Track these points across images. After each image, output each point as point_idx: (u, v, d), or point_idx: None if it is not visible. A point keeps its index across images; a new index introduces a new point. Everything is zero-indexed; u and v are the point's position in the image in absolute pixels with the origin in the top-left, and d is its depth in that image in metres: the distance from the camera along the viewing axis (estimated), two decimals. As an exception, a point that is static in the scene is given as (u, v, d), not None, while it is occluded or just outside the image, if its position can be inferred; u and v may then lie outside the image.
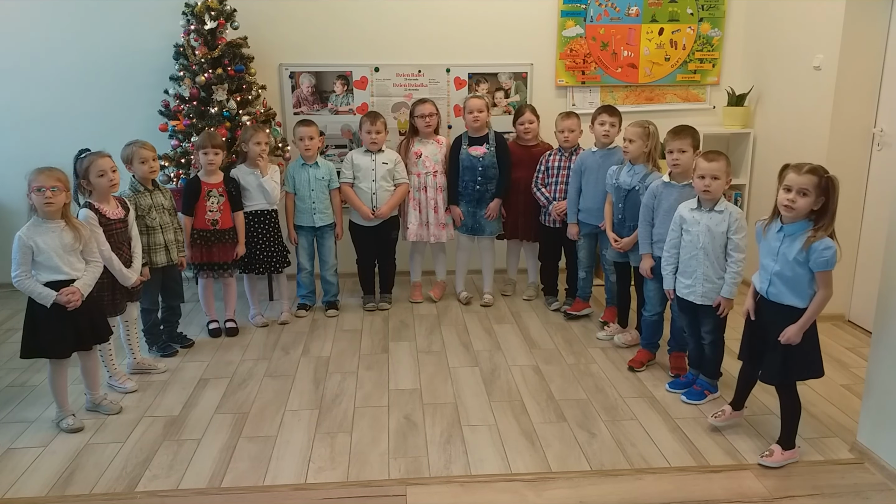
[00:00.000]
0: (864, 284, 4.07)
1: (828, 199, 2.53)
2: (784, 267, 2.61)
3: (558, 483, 2.67)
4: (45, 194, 2.81)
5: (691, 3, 4.87)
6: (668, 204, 3.37)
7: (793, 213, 2.57)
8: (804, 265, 2.57)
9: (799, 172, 2.53)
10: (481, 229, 4.42)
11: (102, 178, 3.20)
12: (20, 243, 2.83)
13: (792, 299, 2.63)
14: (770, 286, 2.67)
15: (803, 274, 2.59)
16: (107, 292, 3.26)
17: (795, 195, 2.54)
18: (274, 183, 4.08)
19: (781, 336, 2.63)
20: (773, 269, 2.65)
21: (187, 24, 4.20)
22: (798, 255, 2.56)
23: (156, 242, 3.60)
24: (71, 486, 2.66)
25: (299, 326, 4.23)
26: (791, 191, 2.55)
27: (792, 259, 2.58)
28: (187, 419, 3.15)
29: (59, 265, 2.88)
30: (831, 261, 2.53)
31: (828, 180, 2.52)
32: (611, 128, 3.94)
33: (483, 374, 3.57)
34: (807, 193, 2.52)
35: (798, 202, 2.53)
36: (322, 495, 2.61)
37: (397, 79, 4.83)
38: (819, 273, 2.56)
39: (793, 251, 2.58)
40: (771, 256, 2.66)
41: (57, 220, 2.89)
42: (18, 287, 2.88)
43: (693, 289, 3.13)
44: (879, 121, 3.96)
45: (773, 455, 2.76)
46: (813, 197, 2.52)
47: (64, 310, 2.89)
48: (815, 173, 2.52)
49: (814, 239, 2.53)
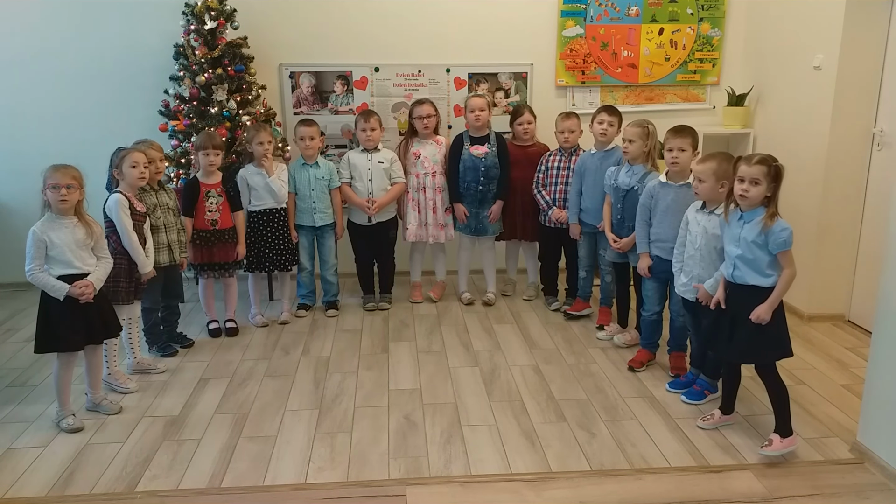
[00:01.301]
0: (864, 284, 4.07)
1: (777, 185, 2.71)
2: (745, 250, 2.75)
3: (558, 483, 2.67)
4: (61, 192, 2.87)
5: (691, 3, 4.87)
6: (664, 203, 3.38)
7: (747, 202, 2.73)
8: (763, 247, 2.72)
9: (749, 164, 2.71)
10: (484, 230, 4.42)
11: (135, 168, 3.33)
12: (34, 238, 2.89)
13: (755, 279, 2.75)
14: (734, 270, 2.80)
15: (763, 256, 2.73)
16: (123, 279, 3.33)
17: (748, 185, 2.70)
18: (281, 182, 4.09)
19: (752, 314, 2.73)
20: (736, 253, 2.79)
21: (187, 24, 4.20)
22: (757, 238, 2.72)
23: (159, 242, 3.61)
24: (71, 486, 2.67)
25: (299, 326, 4.23)
26: (744, 181, 2.71)
27: (751, 241, 2.73)
28: (187, 419, 3.15)
29: (71, 260, 2.93)
30: (789, 240, 2.69)
31: (776, 168, 2.69)
32: (609, 127, 3.94)
33: (483, 374, 3.57)
34: (758, 182, 2.69)
35: (751, 191, 2.70)
36: (322, 495, 2.61)
37: (397, 79, 4.83)
38: (780, 253, 2.72)
39: (752, 234, 2.73)
40: (733, 242, 2.80)
41: (70, 217, 2.94)
42: (32, 280, 2.92)
43: (688, 287, 3.15)
44: (879, 121, 3.96)
45: (772, 444, 2.78)
46: (764, 185, 2.69)
47: (76, 303, 2.93)
48: (765, 163, 2.69)
49: (770, 223, 2.69)
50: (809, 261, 4.16)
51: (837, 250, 4.14)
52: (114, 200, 3.33)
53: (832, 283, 4.19)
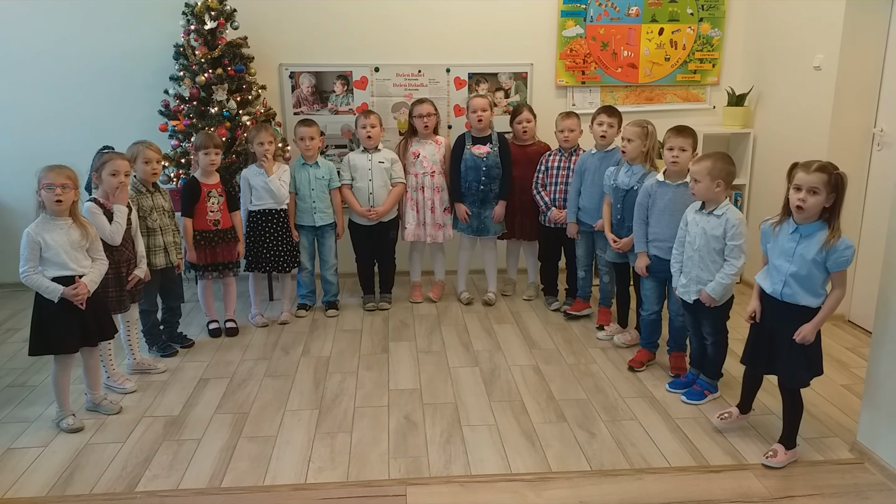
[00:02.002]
0: (864, 284, 4.06)
1: (838, 196, 2.50)
2: (801, 267, 2.57)
3: (558, 483, 2.67)
4: (56, 191, 2.84)
5: (691, 3, 4.87)
6: (662, 203, 3.38)
7: (804, 213, 2.54)
8: (821, 265, 2.54)
9: (808, 171, 2.49)
10: (486, 230, 4.42)
11: (114, 177, 3.23)
12: (28, 239, 2.86)
13: (807, 299, 2.60)
14: (785, 287, 2.63)
15: (818, 274, 2.56)
16: (112, 289, 3.27)
17: (806, 194, 2.50)
18: (280, 182, 4.09)
19: (796, 335, 2.60)
20: (789, 269, 2.60)
21: (187, 24, 4.20)
22: (817, 256, 2.53)
23: (155, 244, 3.60)
24: (71, 486, 2.67)
25: (299, 326, 4.23)
26: (801, 190, 2.51)
27: (810, 259, 2.54)
28: (187, 419, 3.15)
29: (66, 261, 2.90)
30: (850, 259, 2.52)
31: (838, 177, 2.48)
32: (609, 128, 3.94)
33: (483, 374, 3.57)
34: (817, 192, 2.48)
35: (809, 201, 2.50)
36: (322, 495, 2.61)
37: (397, 79, 4.83)
38: (836, 273, 2.55)
39: (811, 251, 2.54)
40: (785, 257, 2.61)
41: (65, 218, 2.92)
42: (26, 282, 2.89)
43: (687, 288, 3.15)
44: (879, 121, 3.96)
45: (776, 455, 2.75)
46: (824, 195, 2.49)
47: (71, 305, 2.91)
48: (825, 171, 2.48)
49: (834, 239, 2.50)
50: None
51: (837, 250, 4.13)
52: (86, 209, 3.19)
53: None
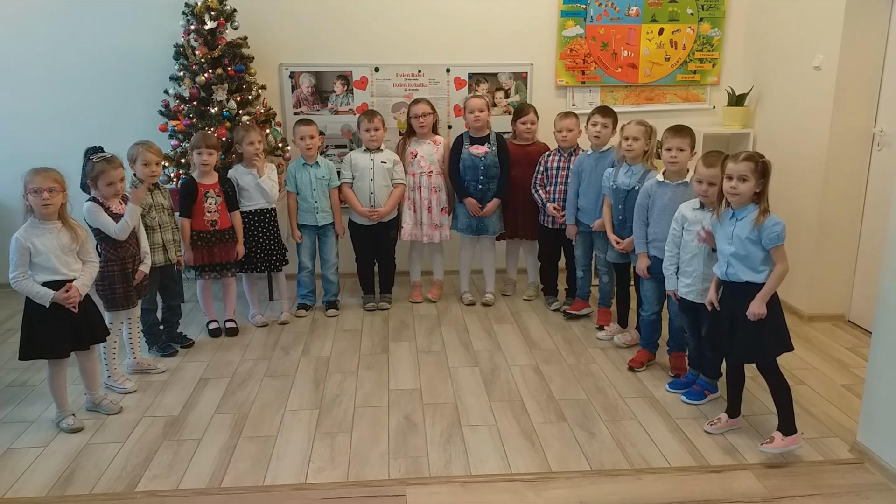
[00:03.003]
0: (864, 284, 4.07)
1: (766, 181, 2.73)
2: (738, 247, 2.77)
3: (558, 483, 2.67)
4: (43, 196, 2.79)
5: (691, 3, 4.87)
6: (662, 203, 3.38)
7: (737, 199, 2.76)
8: (757, 243, 2.73)
9: (736, 161, 2.73)
10: (485, 229, 4.42)
11: (110, 187, 3.21)
12: (17, 245, 2.82)
13: (749, 275, 2.77)
14: (728, 267, 2.82)
15: (756, 252, 2.75)
16: (119, 285, 3.28)
17: (737, 182, 2.73)
18: (271, 182, 4.09)
19: (748, 311, 2.74)
20: (729, 250, 2.80)
21: (187, 24, 4.20)
22: (750, 234, 2.73)
23: (154, 242, 3.60)
24: (71, 486, 2.67)
25: (299, 326, 4.23)
26: (732, 178, 2.74)
27: (745, 238, 2.74)
28: (187, 419, 3.15)
29: (56, 266, 2.87)
30: (782, 234, 2.71)
31: (763, 164, 2.72)
32: (603, 128, 3.93)
33: (483, 374, 3.57)
34: (746, 179, 2.71)
35: (739, 188, 2.73)
36: (322, 495, 2.61)
37: (397, 79, 4.83)
38: (773, 248, 2.73)
39: (745, 231, 2.75)
40: (726, 240, 2.82)
41: (54, 221, 2.88)
42: (16, 288, 2.87)
43: (693, 288, 3.13)
44: (879, 121, 3.96)
45: (773, 441, 2.78)
46: (753, 181, 2.72)
47: (61, 310, 2.89)
48: (752, 159, 2.72)
49: (762, 218, 2.71)
50: (809, 261, 4.16)
51: (837, 250, 4.14)
52: (86, 209, 3.21)
53: (832, 283, 4.19)
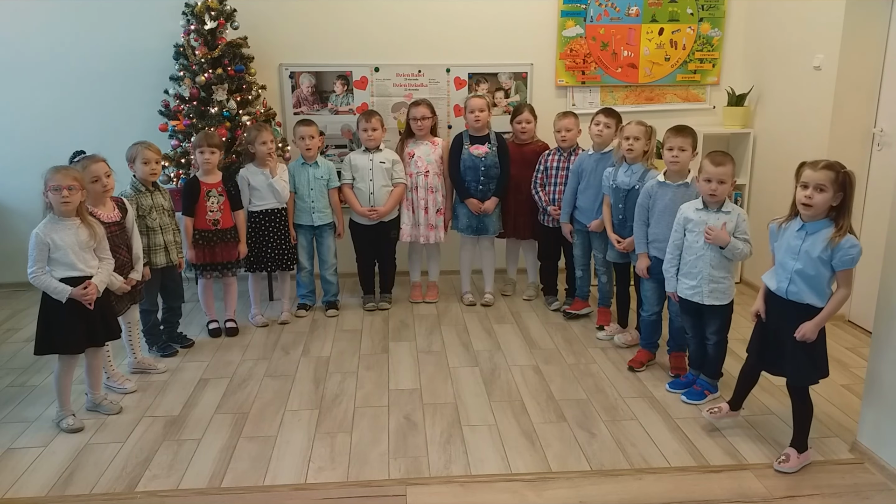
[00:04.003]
0: (864, 284, 4.06)
1: (846, 195, 2.51)
2: (807, 265, 2.57)
3: (558, 483, 2.67)
4: (62, 193, 2.85)
5: (691, 3, 4.87)
6: (662, 204, 3.38)
7: (811, 211, 2.54)
8: (827, 263, 2.55)
9: (815, 168, 2.51)
10: (485, 229, 4.42)
11: (96, 183, 3.18)
12: (37, 240, 2.87)
13: (812, 298, 2.60)
14: (790, 284, 2.63)
15: (825, 272, 2.57)
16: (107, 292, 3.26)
17: (812, 191, 2.51)
18: (283, 182, 4.10)
19: (797, 332, 2.60)
20: (795, 267, 2.60)
21: (187, 24, 4.20)
22: (822, 254, 2.54)
23: (155, 243, 3.60)
24: (71, 486, 2.67)
25: (299, 326, 4.23)
26: (808, 187, 2.52)
27: (815, 257, 2.55)
28: (187, 419, 3.15)
29: (74, 262, 2.91)
30: (856, 258, 2.52)
31: (845, 175, 2.50)
32: (605, 128, 3.94)
33: (483, 374, 3.57)
34: (824, 189, 2.50)
35: (815, 198, 2.51)
36: (322, 495, 2.61)
37: (397, 79, 4.83)
38: (842, 271, 2.55)
39: (816, 249, 2.55)
40: (791, 255, 2.62)
41: (73, 218, 2.92)
42: (34, 283, 2.90)
43: (698, 289, 3.11)
44: (879, 121, 3.96)
45: (789, 460, 2.72)
46: (831, 192, 2.50)
47: (78, 306, 2.92)
48: (832, 169, 2.50)
49: (839, 237, 2.51)
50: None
51: (837, 250, 4.13)
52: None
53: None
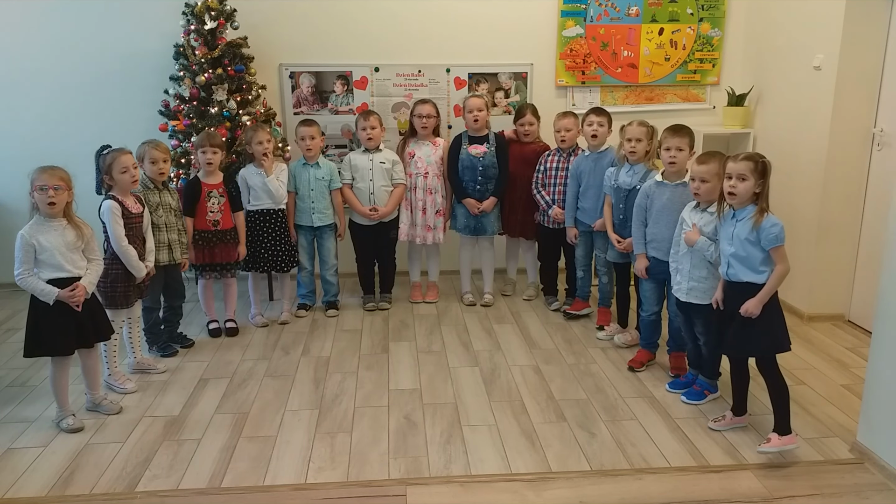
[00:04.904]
0: (864, 284, 4.07)
1: (765, 182, 2.74)
2: (738, 248, 2.78)
3: (558, 483, 2.67)
4: (48, 193, 2.83)
5: (691, 3, 4.87)
6: (660, 203, 3.38)
7: (737, 198, 2.77)
8: (756, 244, 2.74)
9: (736, 160, 2.75)
10: (483, 229, 4.42)
11: (125, 174, 3.28)
12: (22, 241, 2.85)
13: (749, 275, 2.77)
14: (729, 268, 2.84)
15: (756, 252, 2.75)
16: (120, 283, 3.30)
17: (736, 181, 2.74)
18: (279, 182, 4.09)
19: (741, 308, 2.76)
20: (729, 251, 2.82)
21: (187, 25, 4.20)
22: (749, 235, 2.74)
23: (159, 241, 3.61)
24: (71, 486, 2.67)
25: (299, 326, 4.23)
26: (731, 178, 2.76)
27: (744, 239, 2.76)
28: (187, 419, 3.15)
29: (61, 263, 2.89)
30: (780, 236, 2.71)
31: (763, 164, 2.73)
32: (599, 127, 3.94)
33: (483, 374, 3.57)
34: (745, 178, 2.73)
35: (738, 187, 2.74)
36: (322, 495, 2.61)
37: (397, 79, 4.83)
38: (772, 249, 2.73)
39: (744, 232, 2.76)
40: (727, 240, 2.84)
41: (59, 219, 2.90)
42: (21, 285, 2.89)
43: (680, 285, 3.16)
44: (879, 121, 3.96)
45: (770, 441, 2.78)
46: (752, 181, 2.73)
47: (66, 307, 2.90)
48: (751, 159, 2.74)
49: (761, 218, 2.72)
50: (809, 261, 4.16)
51: (837, 250, 4.14)
52: (106, 207, 3.26)
53: (832, 283, 4.19)
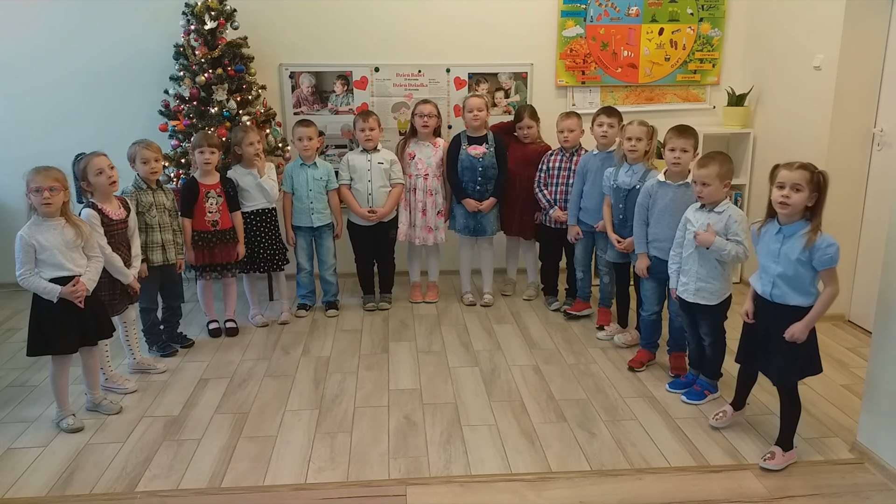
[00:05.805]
0: (864, 284, 4.07)
1: (820, 195, 2.55)
2: (787, 268, 2.60)
3: (558, 483, 2.67)
4: (44, 194, 2.83)
5: (691, 3, 4.87)
6: (662, 203, 3.38)
7: (788, 210, 2.57)
8: (807, 264, 2.57)
9: (791, 169, 2.56)
10: (482, 230, 4.42)
11: (101, 175, 3.22)
12: (22, 242, 2.86)
13: (797, 299, 2.62)
14: (773, 288, 2.66)
15: (806, 273, 2.59)
16: (105, 291, 3.26)
17: (789, 191, 2.55)
18: (272, 181, 4.09)
19: (786, 333, 2.61)
20: (776, 270, 2.64)
21: (187, 24, 4.20)
22: (801, 255, 2.56)
23: (153, 241, 3.60)
24: (71, 486, 2.67)
25: (299, 326, 4.23)
26: (784, 187, 2.56)
27: (794, 259, 2.57)
28: (187, 419, 3.15)
29: (62, 262, 2.90)
30: (835, 257, 2.54)
31: (819, 175, 2.54)
32: (609, 128, 3.93)
33: (483, 374, 3.57)
34: (800, 189, 2.53)
35: (793, 198, 2.54)
36: (322, 495, 2.61)
37: (397, 79, 4.83)
38: (824, 271, 2.56)
39: (794, 251, 2.57)
40: (772, 258, 2.65)
41: (57, 218, 2.91)
42: (23, 285, 2.89)
43: (687, 287, 3.14)
44: (879, 121, 3.96)
45: (774, 458, 2.74)
46: (807, 192, 2.53)
47: (69, 305, 2.91)
48: (807, 168, 2.54)
49: (814, 237, 2.54)
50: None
51: (837, 250, 4.13)
52: (84, 216, 3.16)
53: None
